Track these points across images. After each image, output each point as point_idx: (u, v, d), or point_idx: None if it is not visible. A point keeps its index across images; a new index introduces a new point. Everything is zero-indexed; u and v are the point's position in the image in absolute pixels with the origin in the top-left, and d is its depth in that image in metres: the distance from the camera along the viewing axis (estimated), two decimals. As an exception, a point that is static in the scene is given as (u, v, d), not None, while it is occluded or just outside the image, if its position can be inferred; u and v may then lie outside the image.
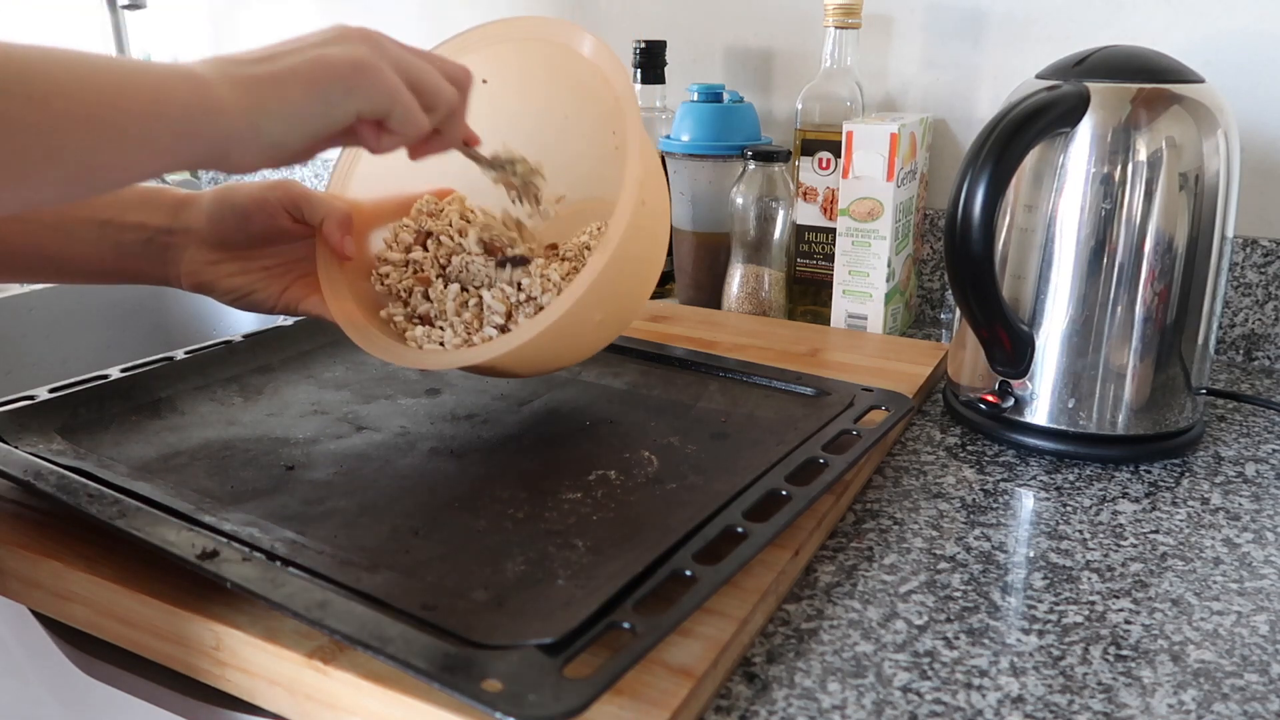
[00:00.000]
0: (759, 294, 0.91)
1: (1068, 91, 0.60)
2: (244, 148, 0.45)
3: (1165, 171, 0.60)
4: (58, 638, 0.55)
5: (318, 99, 0.46)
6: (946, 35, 0.93)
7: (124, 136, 0.41)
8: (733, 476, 0.53)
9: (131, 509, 0.49)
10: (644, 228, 0.57)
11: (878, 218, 0.83)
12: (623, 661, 0.37)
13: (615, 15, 1.09)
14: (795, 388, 0.67)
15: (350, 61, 0.47)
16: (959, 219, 0.59)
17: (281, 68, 0.46)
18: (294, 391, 0.68)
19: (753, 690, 0.43)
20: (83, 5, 1.38)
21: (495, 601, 0.43)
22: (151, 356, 0.69)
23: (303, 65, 0.46)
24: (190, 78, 0.43)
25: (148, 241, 0.61)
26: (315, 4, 1.28)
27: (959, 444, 0.68)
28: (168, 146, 0.42)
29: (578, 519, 0.51)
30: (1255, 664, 0.45)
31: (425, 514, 0.51)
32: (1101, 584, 0.51)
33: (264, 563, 0.45)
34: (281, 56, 0.46)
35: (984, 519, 0.57)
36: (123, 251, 0.61)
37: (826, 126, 0.89)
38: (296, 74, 0.46)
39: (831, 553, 0.54)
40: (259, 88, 0.45)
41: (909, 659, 0.45)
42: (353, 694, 0.41)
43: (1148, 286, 0.61)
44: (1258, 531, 0.56)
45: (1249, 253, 0.83)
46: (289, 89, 0.46)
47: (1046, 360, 0.64)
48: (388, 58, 0.49)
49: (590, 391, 0.69)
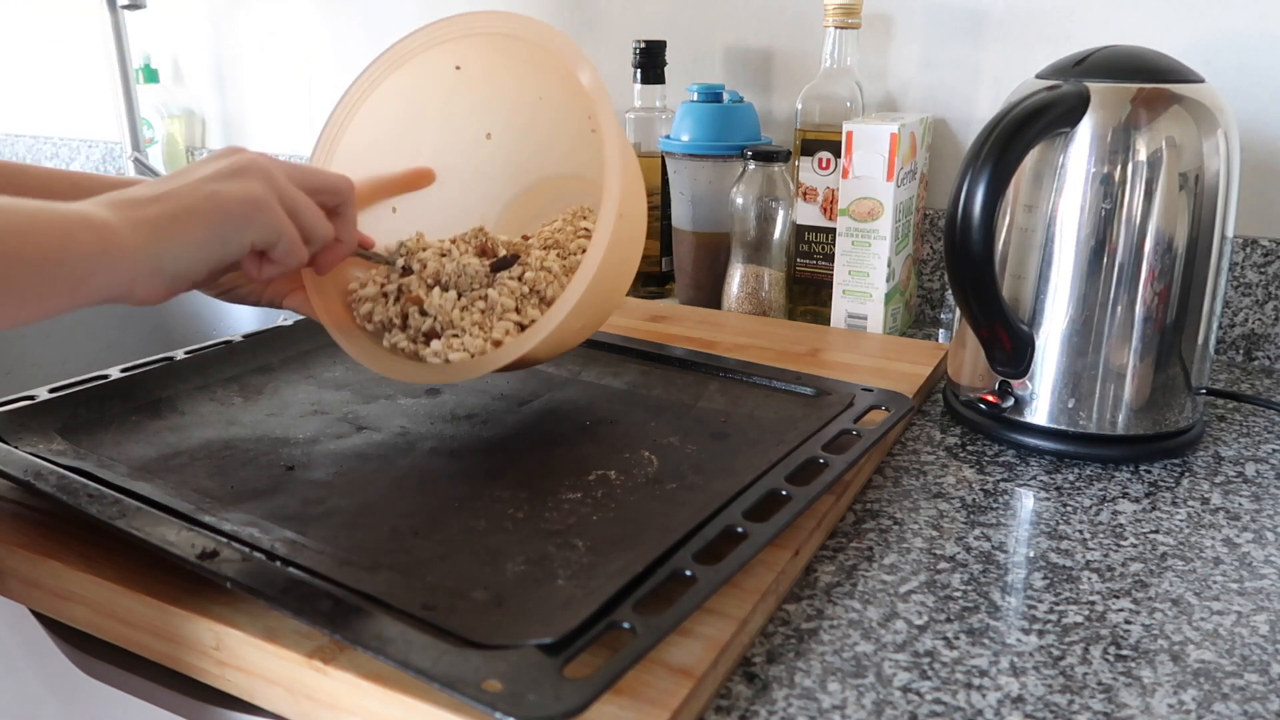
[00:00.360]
0: (759, 294, 0.91)
1: (1068, 91, 0.60)
2: (147, 284, 0.47)
3: (1165, 171, 0.60)
4: (57, 638, 0.55)
5: (215, 236, 0.49)
6: (946, 35, 0.93)
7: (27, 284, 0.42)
8: (733, 476, 0.53)
9: (131, 509, 0.49)
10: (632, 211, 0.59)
11: (878, 218, 0.83)
12: (623, 661, 0.37)
13: (615, 15, 1.09)
14: (795, 388, 0.67)
15: (245, 199, 0.50)
16: (959, 219, 0.59)
17: (180, 207, 0.48)
18: (294, 391, 0.68)
19: (753, 690, 0.43)
20: (83, 5, 1.38)
21: (495, 601, 0.43)
22: (151, 356, 0.69)
23: (201, 204, 0.49)
24: (93, 225, 0.45)
25: None
26: (315, 4, 1.28)
27: (959, 444, 0.68)
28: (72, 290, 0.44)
29: (578, 519, 0.51)
30: (1255, 664, 0.45)
31: (425, 514, 0.51)
32: (1101, 584, 0.51)
33: (264, 563, 0.45)
34: (180, 194, 0.49)
35: (984, 519, 0.57)
36: None
37: (826, 126, 0.89)
38: (194, 213, 0.49)
39: (831, 553, 0.54)
40: (160, 228, 0.47)
41: (909, 659, 0.45)
42: (353, 694, 0.41)
43: (1148, 286, 0.61)
44: (1258, 531, 0.56)
45: (1249, 253, 0.83)
46: (188, 227, 0.48)
47: (1046, 360, 0.64)
48: (277, 191, 0.52)
49: (590, 391, 0.69)
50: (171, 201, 0.48)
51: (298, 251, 0.54)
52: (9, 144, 1.60)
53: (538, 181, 0.73)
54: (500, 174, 0.72)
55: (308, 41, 1.31)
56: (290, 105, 1.35)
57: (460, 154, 0.70)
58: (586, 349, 0.74)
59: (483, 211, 0.72)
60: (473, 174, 0.71)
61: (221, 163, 0.52)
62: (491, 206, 0.73)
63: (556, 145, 0.70)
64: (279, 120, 1.37)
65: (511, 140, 0.71)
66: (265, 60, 1.35)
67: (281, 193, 0.52)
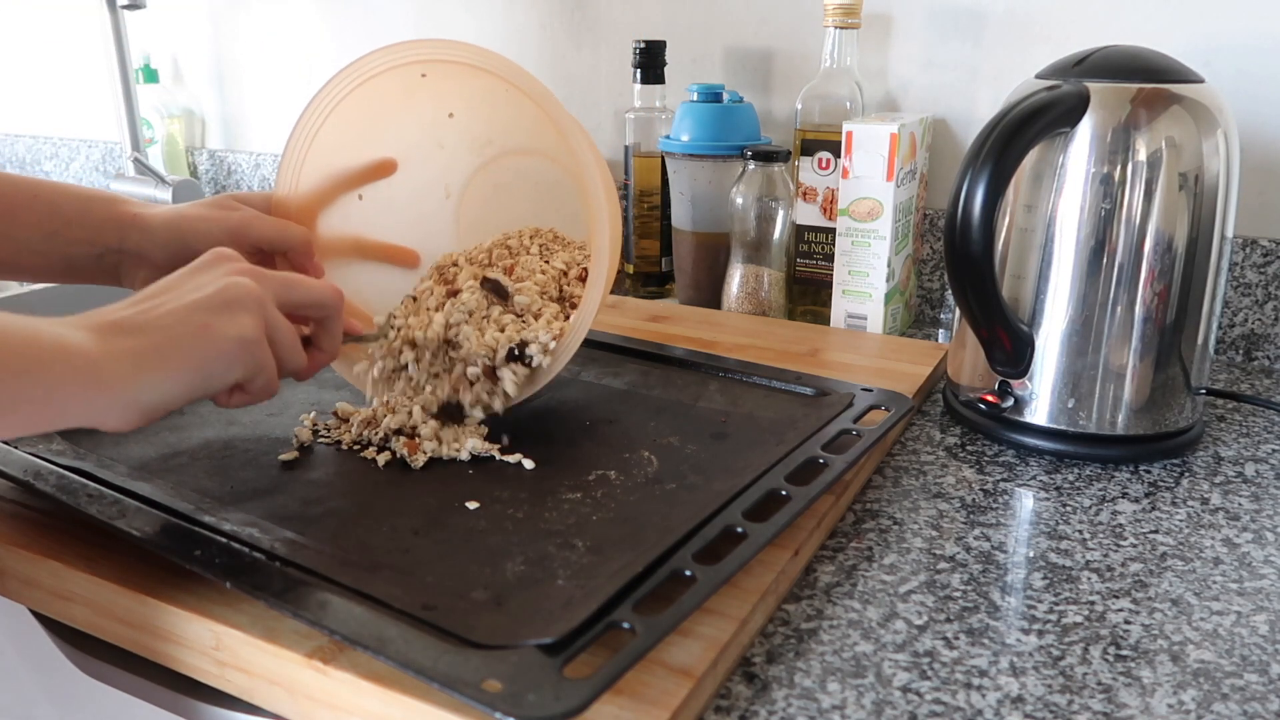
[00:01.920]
0: (759, 294, 0.91)
1: (1068, 91, 0.60)
2: (121, 417, 0.45)
3: (1165, 171, 0.60)
4: (57, 638, 0.55)
5: (200, 375, 0.47)
6: (946, 35, 0.93)
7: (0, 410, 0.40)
8: (733, 476, 0.53)
9: (131, 509, 0.49)
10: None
11: (877, 218, 0.83)
12: (622, 661, 0.37)
13: (615, 15, 1.09)
14: (795, 388, 0.67)
15: (236, 342, 0.47)
16: (959, 219, 0.59)
17: (167, 340, 0.45)
18: (294, 391, 0.68)
19: (753, 690, 0.43)
20: (83, 5, 1.38)
21: (495, 601, 0.43)
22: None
23: (189, 340, 0.46)
24: (70, 355, 0.42)
25: (99, 258, 0.61)
26: (315, 4, 1.28)
27: (959, 444, 0.68)
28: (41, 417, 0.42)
29: (578, 519, 0.51)
30: (1255, 664, 0.45)
31: (425, 514, 0.51)
32: (1101, 584, 0.51)
33: (264, 563, 0.45)
34: (168, 326, 0.46)
35: (984, 519, 0.57)
36: (73, 264, 0.61)
37: (826, 126, 0.89)
38: (181, 348, 0.46)
39: (831, 553, 0.54)
40: (143, 361, 0.44)
41: (909, 659, 0.45)
42: (352, 694, 0.41)
43: (1147, 286, 0.61)
44: (1257, 531, 0.56)
45: (1249, 253, 0.83)
46: (173, 364, 0.45)
47: (1046, 360, 0.64)
48: (266, 325, 0.50)
49: (590, 391, 0.69)
50: (158, 334, 0.45)
51: (272, 386, 0.51)
52: (9, 144, 1.60)
53: (499, 154, 0.74)
54: (461, 147, 0.73)
55: (308, 41, 1.31)
56: (290, 105, 1.35)
57: (422, 130, 0.70)
58: (586, 349, 0.74)
59: (445, 182, 0.74)
60: (434, 147, 0.72)
61: (213, 286, 0.48)
62: (455, 179, 0.75)
63: (520, 122, 0.70)
64: (279, 120, 1.37)
65: (473, 117, 0.71)
66: (265, 60, 1.35)
67: (270, 327, 0.50)
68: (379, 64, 0.62)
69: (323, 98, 0.63)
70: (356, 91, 0.63)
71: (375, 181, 0.69)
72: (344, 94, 0.63)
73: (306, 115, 0.63)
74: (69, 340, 0.43)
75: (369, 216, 0.70)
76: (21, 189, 0.61)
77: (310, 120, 0.63)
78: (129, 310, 0.46)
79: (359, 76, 0.62)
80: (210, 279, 0.49)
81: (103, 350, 0.43)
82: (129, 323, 0.45)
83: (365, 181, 0.69)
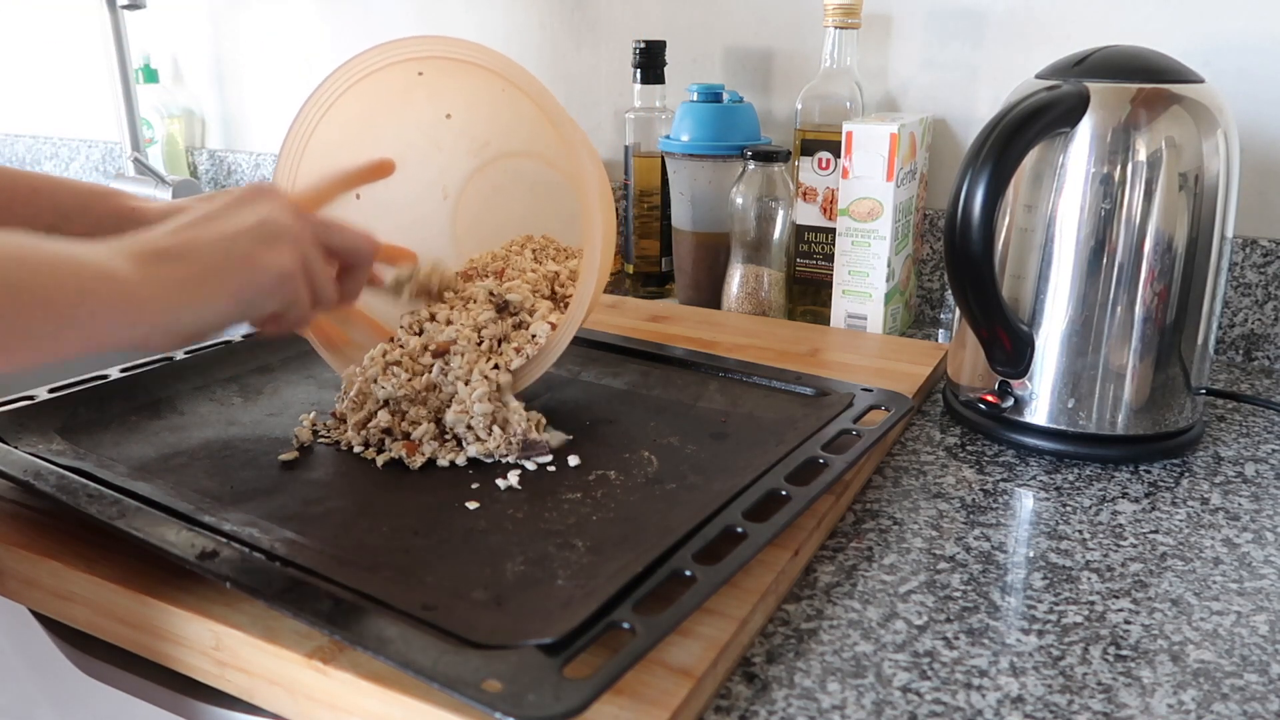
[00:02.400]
0: (759, 294, 0.91)
1: (1068, 91, 0.60)
2: (161, 341, 0.46)
3: (1165, 171, 0.60)
4: (57, 638, 0.55)
5: (239, 304, 0.48)
6: (946, 35, 0.93)
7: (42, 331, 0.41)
8: (732, 476, 0.53)
9: (131, 509, 0.49)
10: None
11: (877, 218, 0.83)
12: (622, 661, 0.37)
13: (615, 15, 1.09)
14: (795, 388, 0.67)
15: (276, 275, 0.49)
16: (959, 219, 0.59)
17: (207, 269, 0.46)
18: (294, 391, 0.68)
19: (752, 690, 0.43)
20: (83, 5, 1.38)
21: (495, 601, 0.43)
22: (151, 356, 0.69)
23: (230, 269, 0.47)
24: (113, 280, 0.43)
25: None
26: (315, 4, 1.28)
27: (959, 444, 0.68)
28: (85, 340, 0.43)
29: (578, 519, 0.51)
30: (1255, 664, 0.45)
31: (425, 514, 0.51)
32: (1101, 584, 0.51)
33: (264, 563, 0.45)
34: (209, 253, 0.47)
35: (984, 519, 0.57)
36: None
37: (826, 126, 0.89)
38: (222, 277, 0.47)
39: (831, 553, 0.54)
40: (183, 289, 0.45)
41: (909, 659, 0.45)
42: (352, 694, 0.41)
43: (1147, 286, 0.61)
44: (1257, 531, 0.56)
45: (1249, 253, 0.83)
46: (213, 293, 0.46)
47: (1046, 360, 0.64)
48: (304, 261, 0.51)
49: (590, 391, 0.69)
50: (198, 262, 0.46)
51: (306, 319, 0.53)
52: (9, 144, 1.60)
53: (497, 156, 0.74)
54: (459, 148, 0.73)
55: (308, 41, 1.31)
56: (290, 105, 1.35)
57: (420, 131, 0.71)
58: (586, 349, 0.75)
59: (443, 184, 0.74)
60: (432, 148, 0.72)
61: (253, 216, 0.49)
62: (452, 180, 0.75)
63: (519, 124, 0.70)
64: (279, 120, 1.37)
65: (471, 119, 0.71)
66: (265, 60, 1.35)
67: (307, 262, 0.51)
68: (377, 60, 0.62)
69: (320, 94, 0.63)
70: (354, 89, 0.63)
71: (373, 182, 0.69)
72: (341, 90, 0.63)
73: (304, 112, 0.63)
74: (112, 268, 0.43)
75: (366, 217, 0.70)
76: (20, 183, 0.61)
77: (308, 117, 0.63)
78: (171, 238, 0.47)
79: (356, 73, 0.62)
80: (251, 211, 0.50)
81: (144, 277, 0.44)
82: (171, 250, 0.46)
83: (363, 181, 0.69)
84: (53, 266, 0.41)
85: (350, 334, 0.67)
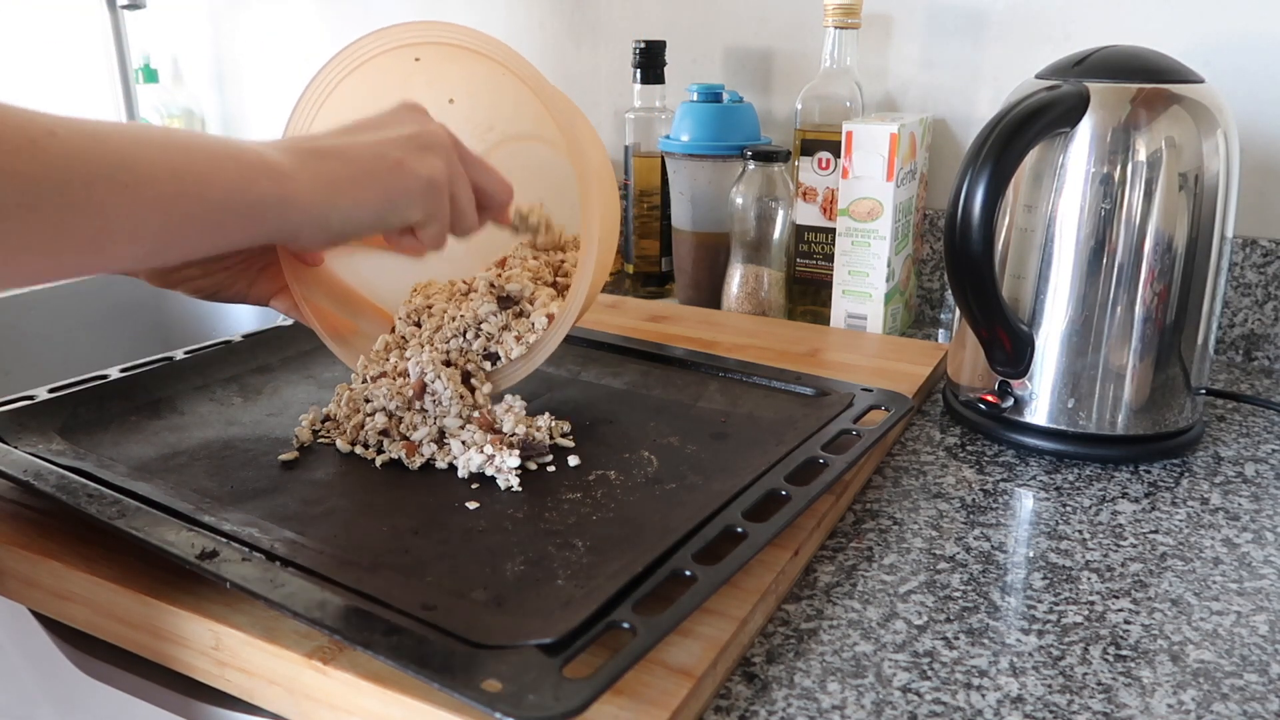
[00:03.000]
0: (759, 294, 0.91)
1: (1068, 91, 0.60)
2: (311, 236, 0.48)
3: (1165, 171, 0.60)
4: (57, 638, 0.55)
5: (387, 206, 0.50)
6: (946, 35, 0.93)
7: (204, 222, 0.43)
8: (732, 476, 0.53)
9: (131, 509, 0.49)
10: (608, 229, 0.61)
11: (877, 218, 0.83)
12: (622, 661, 0.37)
13: (615, 15, 1.09)
14: (795, 388, 0.67)
15: (426, 181, 0.51)
16: (959, 219, 0.59)
17: (362, 170, 0.49)
18: (294, 391, 0.68)
19: (752, 690, 0.43)
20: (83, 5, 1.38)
21: (495, 601, 0.43)
22: (151, 356, 0.69)
23: (383, 172, 0.49)
24: (273, 172, 0.45)
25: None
26: (315, 4, 1.28)
27: (959, 444, 0.68)
28: (242, 230, 0.45)
29: (578, 519, 0.51)
30: (1255, 664, 0.45)
31: (425, 514, 0.51)
32: (1101, 584, 0.51)
33: (264, 563, 0.45)
34: (364, 156, 0.49)
35: (984, 519, 0.57)
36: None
37: (826, 126, 0.89)
38: (375, 179, 0.49)
39: (831, 553, 0.54)
40: (337, 186, 0.48)
41: (909, 659, 0.45)
42: (352, 694, 0.41)
43: (1147, 286, 0.61)
44: (1257, 531, 0.56)
45: (1249, 253, 0.83)
46: (365, 192, 0.49)
47: (1046, 360, 0.64)
48: (452, 177, 0.52)
49: (590, 391, 0.69)
50: (354, 164, 0.48)
51: (442, 240, 0.54)
52: (9, 144, 1.60)
53: (502, 140, 0.73)
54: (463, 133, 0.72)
55: (308, 41, 1.31)
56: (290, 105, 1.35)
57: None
58: (586, 349, 0.74)
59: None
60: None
61: (408, 128, 0.51)
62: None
63: (522, 108, 0.70)
64: (279, 120, 1.37)
65: (474, 104, 0.71)
66: (265, 60, 1.35)
67: (454, 180, 0.53)
68: (374, 47, 0.61)
69: (318, 83, 0.62)
70: (352, 77, 0.62)
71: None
72: (340, 78, 0.62)
73: (303, 101, 0.62)
74: (271, 159, 0.45)
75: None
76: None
77: (307, 107, 0.63)
78: (328, 140, 0.49)
79: (354, 61, 0.62)
80: (408, 123, 0.52)
81: (300, 169, 0.46)
82: (328, 150, 0.48)
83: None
84: (214, 160, 0.43)
85: (359, 324, 0.66)
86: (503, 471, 0.54)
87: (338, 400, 0.62)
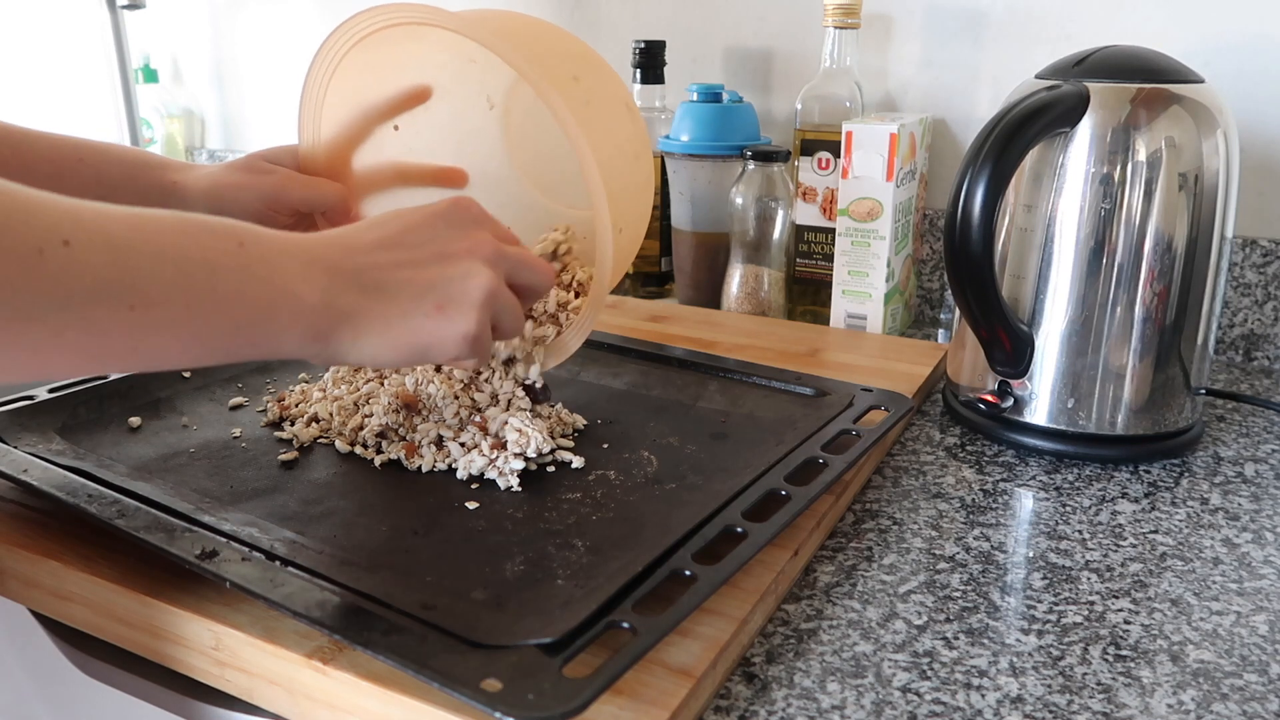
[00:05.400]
0: (758, 294, 0.91)
1: (1067, 91, 0.60)
2: (327, 362, 0.45)
3: (1165, 171, 0.60)
4: (56, 638, 0.55)
5: (416, 355, 0.46)
6: (946, 35, 0.93)
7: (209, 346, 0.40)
8: (732, 476, 0.53)
9: (131, 509, 0.49)
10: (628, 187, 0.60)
11: (877, 218, 0.83)
12: (622, 661, 0.37)
13: (615, 15, 1.09)
14: (795, 388, 0.67)
15: (463, 335, 0.46)
16: (959, 219, 0.59)
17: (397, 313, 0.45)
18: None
19: (752, 690, 0.43)
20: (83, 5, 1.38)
21: (495, 601, 0.43)
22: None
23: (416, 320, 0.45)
24: (299, 309, 0.42)
25: None
26: (315, 4, 1.28)
27: (958, 444, 0.68)
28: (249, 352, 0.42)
29: (577, 519, 0.51)
30: (1254, 664, 0.45)
31: (425, 514, 0.51)
32: (1101, 584, 0.51)
33: (263, 563, 0.45)
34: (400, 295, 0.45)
35: (983, 519, 0.58)
36: None
37: (826, 126, 0.89)
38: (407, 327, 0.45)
39: (831, 553, 0.54)
40: (365, 329, 0.44)
41: (908, 659, 0.45)
42: (352, 694, 0.41)
43: (1147, 286, 0.61)
44: (1257, 531, 0.56)
45: (1248, 253, 0.83)
46: (392, 339, 0.45)
47: (1046, 360, 0.64)
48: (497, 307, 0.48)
49: (590, 391, 0.69)
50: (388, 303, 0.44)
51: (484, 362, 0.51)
52: (9, 144, 1.60)
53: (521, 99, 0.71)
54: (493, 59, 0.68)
55: (308, 41, 1.31)
56: (290, 105, 1.35)
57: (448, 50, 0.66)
58: (586, 349, 0.74)
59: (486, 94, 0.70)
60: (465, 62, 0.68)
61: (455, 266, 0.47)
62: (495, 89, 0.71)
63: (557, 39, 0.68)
64: (279, 119, 1.37)
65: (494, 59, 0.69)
66: (265, 60, 1.35)
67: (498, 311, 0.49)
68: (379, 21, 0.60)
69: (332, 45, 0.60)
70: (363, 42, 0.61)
71: (409, 110, 0.66)
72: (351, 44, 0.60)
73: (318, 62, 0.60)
74: (300, 292, 0.42)
75: (408, 143, 0.67)
76: (66, 152, 0.59)
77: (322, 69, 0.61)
78: (368, 258, 0.45)
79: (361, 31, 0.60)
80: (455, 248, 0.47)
81: (328, 305, 0.43)
82: (364, 277, 0.44)
83: (398, 112, 0.66)
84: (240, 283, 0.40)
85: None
86: (504, 473, 0.54)
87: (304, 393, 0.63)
